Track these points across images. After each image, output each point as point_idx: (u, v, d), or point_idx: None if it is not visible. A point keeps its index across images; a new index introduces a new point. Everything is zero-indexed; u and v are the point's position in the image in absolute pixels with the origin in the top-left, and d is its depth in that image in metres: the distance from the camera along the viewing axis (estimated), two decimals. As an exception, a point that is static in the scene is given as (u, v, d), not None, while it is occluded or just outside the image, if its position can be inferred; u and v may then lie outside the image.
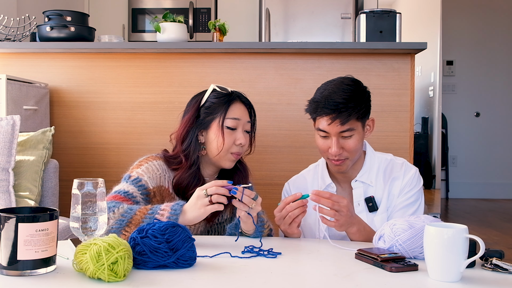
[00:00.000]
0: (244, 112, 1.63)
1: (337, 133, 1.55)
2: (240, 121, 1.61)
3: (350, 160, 1.59)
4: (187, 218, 1.35)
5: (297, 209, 1.41)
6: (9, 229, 1.03)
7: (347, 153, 1.57)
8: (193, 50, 2.65)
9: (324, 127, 1.55)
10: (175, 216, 1.33)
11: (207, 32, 4.88)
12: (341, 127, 1.54)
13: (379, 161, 1.67)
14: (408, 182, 1.63)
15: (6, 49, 2.66)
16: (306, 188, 1.73)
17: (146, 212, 1.36)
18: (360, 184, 1.65)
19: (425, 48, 2.49)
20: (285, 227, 1.45)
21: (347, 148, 1.56)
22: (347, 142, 1.56)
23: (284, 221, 1.43)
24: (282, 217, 1.43)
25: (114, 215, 1.35)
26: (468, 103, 6.08)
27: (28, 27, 2.78)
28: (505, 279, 1.11)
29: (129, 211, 1.36)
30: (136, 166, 1.57)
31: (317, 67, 2.64)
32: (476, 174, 6.06)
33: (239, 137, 1.59)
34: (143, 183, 1.51)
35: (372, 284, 1.07)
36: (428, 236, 1.11)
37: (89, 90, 2.70)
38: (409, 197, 1.62)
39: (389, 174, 1.65)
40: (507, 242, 3.82)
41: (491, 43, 6.05)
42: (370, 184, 1.64)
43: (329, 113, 1.53)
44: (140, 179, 1.51)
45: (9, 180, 2.01)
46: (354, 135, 1.56)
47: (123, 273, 1.02)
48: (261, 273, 1.13)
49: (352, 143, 1.56)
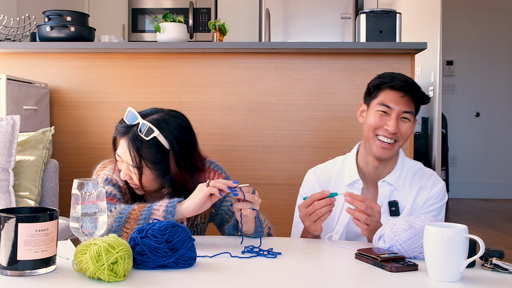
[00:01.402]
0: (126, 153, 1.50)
1: (400, 111, 1.56)
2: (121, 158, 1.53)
3: (397, 146, 1.59)
4: (184, 206, 1.35)
5: (325, 207, 1.40)
6: (9, 229, 1.03)
7: (400, 136, 1.57)
8: (193, 50, 2.65)
9: (390, 100, 1.56)
10: (172, 204, 1.34)
11: (207, 32, 4.87)
12: (406, 107, 1.56)
13: (408, 167, 1.66)
14: (435, 195, 1.62)
15: (6, 49, 2.66)
16: (330, 181, 1.70)
17: (144, 206, 1.37)
18: (386, 185, 1.63)
19: (425, 48, 2.49)
20: (309, 223, 1.43)
21: (402, 131, 1.57)
22: (403, 126, 1.57)
23: (310, 217, 1.41)
24: (308, 213, 1.41)
25: (112, 214, 1.36)
26: (468, 103, 6.08)
27: (28, 27, 2.78)
28: (505, 279, 1.11)
29: (126, 208, 1.37)
30: (100, 168, 1.59)
31: (317, 67, 2.64)
32: (476, 174, 6.06)
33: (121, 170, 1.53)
34: (114, 182, 1.53)
35: (372, 284, 1.07)
36: (428, 236, 1.10)
37: (89, 90, 2.70)
38: (432, 209, 1.61)
39: (417, 182, 1.64)
40: (507, 242, 3.82)
41: (491, 43, 6.05)
42: (397, 188, 1.62)
43: (401, 84, 1.55)
44: (110, 179, 1.53)
45: (9, 180, 2.01)
46: (410, 122, 1.59)
47: (123, 273, 1.02)
48: (261, 273, 1.13)
49: (408, 127, 1.58)
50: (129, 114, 1.50)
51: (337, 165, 1.73)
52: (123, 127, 1.49)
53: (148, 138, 1.45)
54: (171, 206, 1.34)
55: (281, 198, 2.64)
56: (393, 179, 1.63)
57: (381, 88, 1.58)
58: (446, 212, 5.42)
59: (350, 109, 2.62)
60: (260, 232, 1.43)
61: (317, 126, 2.64)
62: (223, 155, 2.63)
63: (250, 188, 1.36)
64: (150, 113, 1.52)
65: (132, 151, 1.46)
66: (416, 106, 1.60)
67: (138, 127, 1.47)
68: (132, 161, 1.46)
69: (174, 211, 1.33)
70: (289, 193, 2.62)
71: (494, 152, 6.05)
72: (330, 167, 1.73)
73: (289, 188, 2.64)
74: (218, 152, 2.62)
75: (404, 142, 1.60)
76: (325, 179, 1.71)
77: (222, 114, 2.66)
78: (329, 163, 1.75)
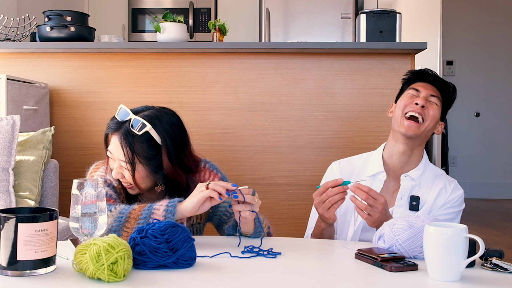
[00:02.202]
0: (118, 149, 1.49)
1: (428, 93, 1.65)
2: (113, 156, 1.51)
3: (423, 127, 1.62)
4: (183, 205, 1.34)
5: (338, 194, 1.42)
6: (9, 229, 1.03)
7: (427, 115, 1.62)
8: (193, 50, 2.65)
9: (419, 86, 1.67)
10: (171, 208, 1.33)
11: (207, 32, 4.88)
12: (433, 91, 1.65)
13: (431, 168, 1.70)
14: (454, 199, 1.65)
15: (6, 49, 2.66)
16: (353, 172, 1.73)
17: (144, 206, 1.37)
18: (409, 180, 1.65)
19: (425, 48, 2.49)
20: (323, 211, 1.45)
21: (429, 112, 1.63)
22: (430, 107, 1.63)
23: (324, 205, 1.44)
24: (321, 201, 1.44)
25: (112, 214, 1.36)
26: (468, 103, 6.08)
27: (28, 27, 2.78)
28: (505, 279, 1.11)
29: (126, 208, 1.37)
30: (93, 170, 1.58)
31: (317, 67, 2.64)
32: (476, 174, 6.06)
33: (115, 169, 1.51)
34: (109, 182, 1.53)
35: (372, 284, 1.07)
36: (428, 235, 1.11)
37: (89, 90, 2.70)
38: (450, 212, 1.63)
39: (438, 183, 1.67)
40: (507, 242, 3.82)
41: (491, 43, 6.05)
42: (418, 185, 1.65)
43: (430, 77, 1.68)
44: (104, 179, 1.53)
45: (9, 180, 2.01)
46: (437, 108, 1.64)
47: (123, 273, 1.02)
48: (261, 273, 1.13)
49: (435, 110, 1.64)
50: (120, 111, 1.50)
51: (361, 159, 1.77)
52: (114, 123, 1.49)
53: (140, 133, 1.45)
54: (172, 205, 1.34)
55: (281, 198, 2.64)
56: (416, 175, 1.65)
57: (411, 82, 1.71)
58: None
59: (350, 109, 2.62)
60: (260, 233, 1.43)
61: (317, 126, 2.64)
62: (223, 155, 2.63)
63: (250, 189, 1.36)
64: (142, 110, 1.52)
65: (124, 146, 1.45)
66: (443, 101, 1.67)
67: (130, 123, 1.46)
68: (125, 156, 1.45)
69: (174, 211, 1.33)
70: (289, 193, 2.62)
71: (494, 152, 6.05)
72: (355, 161, 1.77)
73: (289, 188, 2.64)
74: (218, 152, 2.62)
75: (431, 128, 1.65)
76: (348, 170, 1.74)
77: (222, 114, 2.66)
78: (354, 157, 1.80)
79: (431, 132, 1.66)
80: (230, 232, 1.49)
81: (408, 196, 1.64)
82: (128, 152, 1.45)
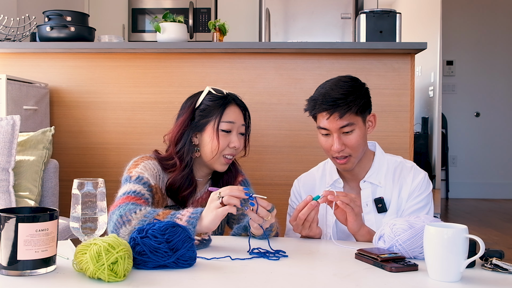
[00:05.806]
0: (239, 115, 1.63)
1: (337, 129, 1.54)
2: (235, 124, 1.61)
3: (354, 157, 1.58)
4: (203, 224, 1.32)
5: (312, 212, 1.41)
6: (9, 229, 1.03)
7: (350, 150, 1.56)
8: (193, 50, 2.65)
9: (324, 124, 1.56)
10: (193, 220, 1.31)
11: (207, 32, 4.88)
12: (340, 122, 1.53)
13: (388, 162, 1.67)
14: (418, 186, 1.62)
15: (6, 49, 2.66)
16: (314, 185, 1.73)
17: (168, 213, 1.35)
18: (368, 185, 1.64)
19: (425, 48, 2.49)
20: (306, 232, 1.45)
21: (349, 144, 1.56)
22: (348, 138, 1.55)
23: (303, 227, 1.44)
24: (299, 225, 1.44)
25: (137, 216, 1.35)
26: (468, 103, 6.08)
27: (28, 27, 2.78)
28: (505, 279, 1.11)
29: (151, 212, 1.36)
30: (133, 166, 1.57)
31: (317, 67, 2.64)
32: (476, 174, 6.06)
33: (234, 140, 1.60)
34: (146, 180, 1.52)
35: (372, 284, 1.07)
36: (428, 236, 1.11)
37: (89, 90, 2.70)
38: (419, 201, 1.61)
39: (398, 176, 1.65)
40: (507, 242, 3.82)
41: (491, 43, 6.05)
42: (379, 185, 1.63)
43: (327, 109, 1.53)
44: (142, 177, 1.52)
45: (9, 180, 2.01)
46: (355, 131, 1.56)
47: (123, 273, 1.02)
48: (261, 273, 1.13)
49: (354, 138, 1.56)
50: None
51: (319, 170, 1.77)
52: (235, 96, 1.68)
53: None
54: (194, 217, 1.32)
55: (281, 198, 2.63)
56: (373, 177, 1.64)
57: (314, 112, 1.59)
58: (446, 212, 5.41)
59: (350, 109, 2.62)
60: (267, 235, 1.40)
61: (317, 126, 2.63)
62: (223, 155, 2.63)
63: (270, 204, 1.33)
64: None
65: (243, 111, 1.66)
66: (356, 113, 1.55)
67: None
68: (245, 120, 1.65)
69: (196, 223, 1.31)
70: (289, 193, 2.61)
71: (494, 152, 6.05)
72: (314, 173, 1.77)
73: (289, 188, 2.61)
74: (218, 152, 2.61)
75: (359, 149, 1.58)
76: (309, 184, 1.74)
77: (222, 114, 2.66)
78: (313, 170, 1.79)
79: (365, 143, 1.62)
80: (238, 231, 1.49)
81: (372, 201, 1.63)
82: (247, 113, 1.67)
